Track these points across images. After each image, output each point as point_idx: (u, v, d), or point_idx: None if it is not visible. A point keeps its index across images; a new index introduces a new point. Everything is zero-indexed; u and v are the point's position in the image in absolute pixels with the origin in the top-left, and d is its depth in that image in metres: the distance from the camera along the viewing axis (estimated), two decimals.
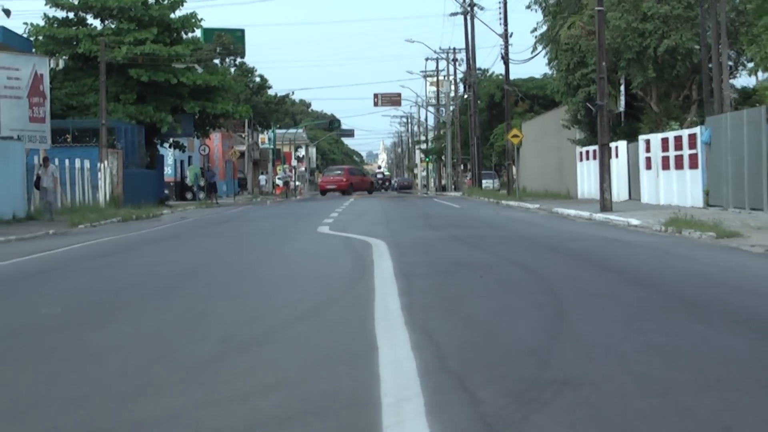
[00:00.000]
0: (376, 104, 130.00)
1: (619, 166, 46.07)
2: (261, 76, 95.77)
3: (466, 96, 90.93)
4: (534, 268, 14.68)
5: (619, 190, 44.95)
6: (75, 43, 60.39)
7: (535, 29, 56.04)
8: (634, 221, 27.66)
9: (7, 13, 42.40)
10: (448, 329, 9.00)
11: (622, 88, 49.27)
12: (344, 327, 9.29)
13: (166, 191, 65.21)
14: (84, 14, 62.22)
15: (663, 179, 40.68)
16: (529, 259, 16.12)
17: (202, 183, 71.14)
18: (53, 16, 61.66)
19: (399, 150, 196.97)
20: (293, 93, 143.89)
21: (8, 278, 15.98)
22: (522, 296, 11.37)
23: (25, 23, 61.68)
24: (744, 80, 48.45)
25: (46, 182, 36.62)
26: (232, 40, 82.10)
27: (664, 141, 40.73)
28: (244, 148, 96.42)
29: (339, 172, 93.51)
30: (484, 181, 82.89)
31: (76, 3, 61.55)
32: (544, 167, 67.34)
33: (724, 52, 39.10)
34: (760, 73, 31.22)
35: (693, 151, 37.14)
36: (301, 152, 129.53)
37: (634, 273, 14.14)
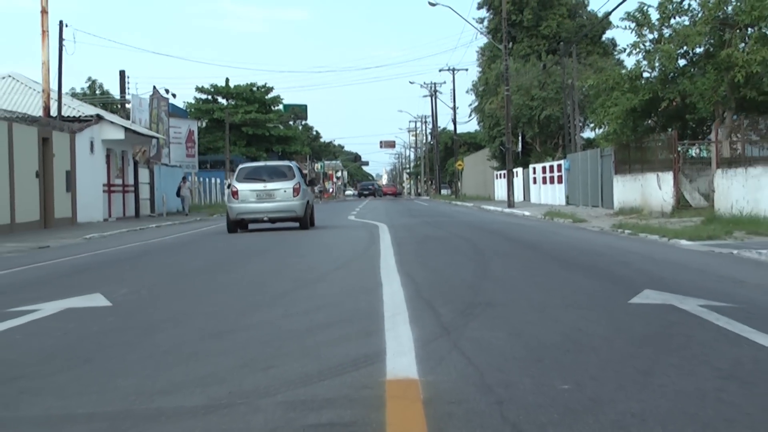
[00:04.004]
0: (381, 146, 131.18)
1: (518, 181, 46.03)
2: (317, 131, 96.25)
3: (431, 142, 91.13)
4: (470, 239, 14.63)
5: (518, 195, 44.88)
6: (212, 112, 60.84)
7: (471, 104, 56.20)
8: (526, 213, 27.60)
9: (174, 95, 42.58)
10: (422, 274, 8.95)
11: (520, 138, 49.25)
12: (363, 273, 9.24)
13: None
14: (216, 96, 62.80)
15: (543, 189, 40.63)
16: (467, 234, 16.07)
17: None
18: (199, 97, 62.40)
19: (394, 173, 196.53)
20: (334, 140, 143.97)
21: (172, 245, 15.98)
22: (463, 255, 11.32)
23: (184, 102, 62.29)
24: (588, 134, 48.39)
25: (183, 192, 36.37)
26: (299, 111, 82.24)
27: (544, 168, 40.69)
28: (306, 172, 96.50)
29: (392, 185, 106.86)
30: (442, 190, 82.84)
31: (212, 90, 62.20)
32: (476, 182, 67.26)
33: (577, 118, 39.20)
34: (597, 130, 31.52)
35: (560, 174, 37.14)
36: (339, 174, 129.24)
37: (526, 242, 14.08)
